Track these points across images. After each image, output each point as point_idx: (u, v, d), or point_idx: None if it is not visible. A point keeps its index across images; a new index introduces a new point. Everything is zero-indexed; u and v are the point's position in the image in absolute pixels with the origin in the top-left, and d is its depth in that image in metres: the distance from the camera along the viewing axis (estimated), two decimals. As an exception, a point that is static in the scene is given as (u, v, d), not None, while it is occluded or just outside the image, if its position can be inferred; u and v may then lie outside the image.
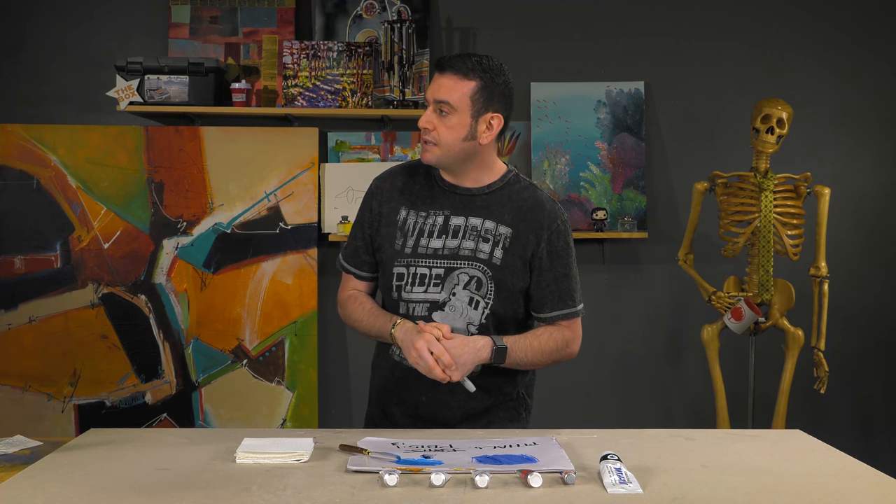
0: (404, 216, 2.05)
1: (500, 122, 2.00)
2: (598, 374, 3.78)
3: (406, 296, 2.02)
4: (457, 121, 1.95)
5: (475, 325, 2.00)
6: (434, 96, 1.96)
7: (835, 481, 1.59)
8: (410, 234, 2.03)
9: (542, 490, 1.50)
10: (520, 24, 3.77)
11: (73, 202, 3.62)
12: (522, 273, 2.01)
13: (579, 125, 3.73)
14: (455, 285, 1.99)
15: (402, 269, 2.02)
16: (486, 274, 1.99)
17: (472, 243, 2.00)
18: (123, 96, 3.52)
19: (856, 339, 3.78)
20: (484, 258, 1.99)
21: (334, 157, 3.73)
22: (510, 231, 2.00)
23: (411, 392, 2.04)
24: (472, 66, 1.95)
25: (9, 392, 3.58)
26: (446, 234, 2.01)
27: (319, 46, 3.62)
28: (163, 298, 3.62)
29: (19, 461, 1.74)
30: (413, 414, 2.06)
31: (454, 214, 2.02)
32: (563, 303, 2.04)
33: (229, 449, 1.73)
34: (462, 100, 1.95)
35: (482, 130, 1.98)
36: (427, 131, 1.98)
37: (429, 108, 1.98)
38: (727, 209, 3.36)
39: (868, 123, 3.79)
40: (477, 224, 2.01)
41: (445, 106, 1.95)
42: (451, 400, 2.02)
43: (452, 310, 1.99)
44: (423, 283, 2.01)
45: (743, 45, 3.77)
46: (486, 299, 2.00)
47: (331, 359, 3.74)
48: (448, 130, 1.96)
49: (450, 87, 1.95)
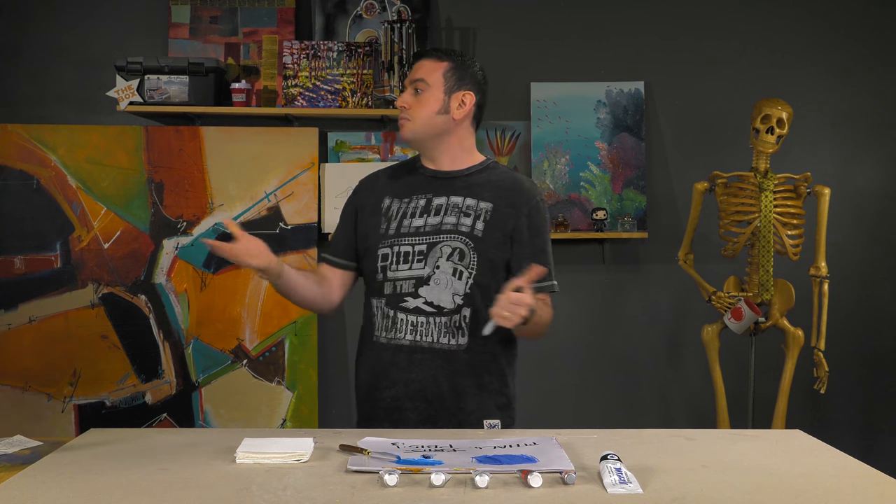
0: (388, 204, 2.16)
1: (472, 99, 2.13)
2: (599, 374, 3.78)
3: (391, 274, 2.10)
4: (430, 96, 2.11)
5: (460, 296, 2.07)
6: (411, 77, 2.14)
7: (835, 481, 1.59)
8: (394, 218, 2.13)
9: (542, 490, 1.50)
10: (520, 24, 3.77)
11: (73, 202, 3.62)
12: (503, 245, 2.10)
13: (579, 125, 3.73)
14: (438, 258, 2.07)
15: (386, 249, 2.12)
16: (468, 245, 2.07)
17: (454, 218, 2.10)
18: (123, 96, 3.52)
19: (856, 339, 3.78)
20: (465, 231, 2.08)
21: (334, 157, 3.73)
22: (490, 205, 2.11)
23: (401, 370, 2.10)
24: (446, 52, 2.17)
25: (9, 392, 3.58)
26: (428, 213, 2.11)
27: (319, 46, 3.62)
28: (163, 298, 3.62)
29: (19, 461, 1.74)
30: (403, 394, 2.09)
31: (436, 196, 2.13)
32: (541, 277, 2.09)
33: (229, 449, 1.73)
34: (436, 77, 2.11)
35: (455, 107, 2.12)
36: (403, 109, 2.13)
37: (407, 90, 2.15)
38: (727, 209, 3.36)
39: (868, 123, 3.79)
40: (458, 201, 2.12)
41: (420, 84, 2.11)
42: (440, 376, 2.08)
43: (437, 283, 2.07)
44: (406, 261, 2.09)
45: (743, 45, 3.77)
46: (469, 269, 2.07)
47: (331, 359, 3.74)
48: (422, 106, 2.11)
49: (425, 68, 2.13)
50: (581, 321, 3.77)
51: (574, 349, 3.75)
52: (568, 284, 2.71)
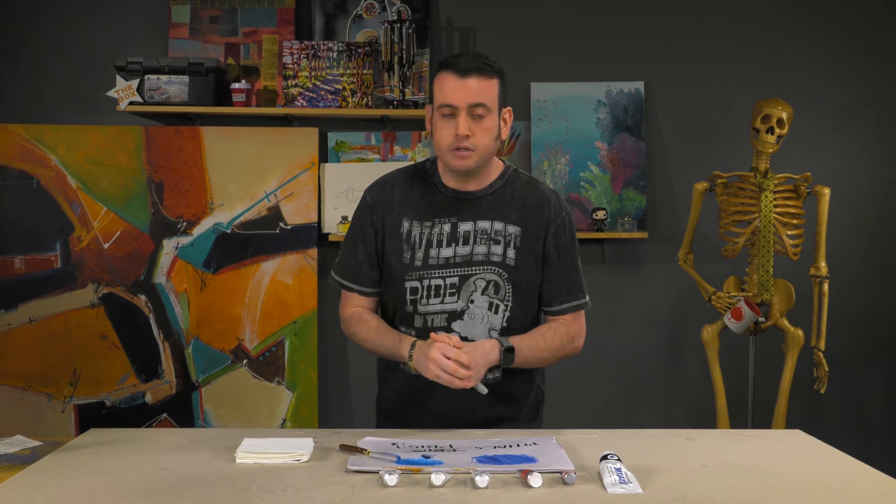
0: (408, 228, 2.02)
1: (511, 115, 2.02)
2: (598, 374, 3.78)
3: (423, 308, 2.00)
4: (491, 123, 1.94)
5: (496, 330, 1.99)
6: (468, 101, 1.90)
7: (835, 481, 1.59)
8: (418, 247, 2.00)
9: (542, 490, 1.50)
10: (520, 24, 3.77)
11: (73, 202, 3.62)
12: (536, 270, 2.02)
13: (579, 125, 3.73)
14: (472, 292, 1.98)
15: (415, 282, 2.00)
16: (501, 276, 1.99)
17: (484, 247, 1.99)
18: (123, 96, 3.52)
19: (856, 339, 3.78)
20: (497, 261, 1.99)
21: (334, 157, 3.73)
22: (519, 230, 2.00)
23: (436, 402, 2.00)
24: (490, 64, 1.94)
25: (9, 392, 3.58)
26: (456, 241, 1.99)
27: (319, 46, 3.62)
28: (163, 298, 3.63)
29: (19, 461, 1.74)
30: (437, 423, 2.00)
31: (461, 220, 2.00)
32: (572, 295, 2.05)
33: (229, 449, 1.73)
34: (492, 98, 1.93)
35: (502, 126, 1.99)
36: (465, 139, 1.91)
37: (461, 113, 1.90)
38: (727, 209, 3.36)
39: (868, 123, 3.79)
40: (486, 227, 2.00)
41: (482, 109, 1.91)
42: (475, 406, 1.99)
43: (472, 317, 1.99)
44: (438, 295, 1.99)
45: (743, 45, 3.77)
46: (505, 302, 2.00)
47: (331, 359, 3.74)
48: (484, 134, 1.93)
49: (481, 89, 1.91)
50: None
51: (574, 349, 3.74)
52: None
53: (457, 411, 2.00)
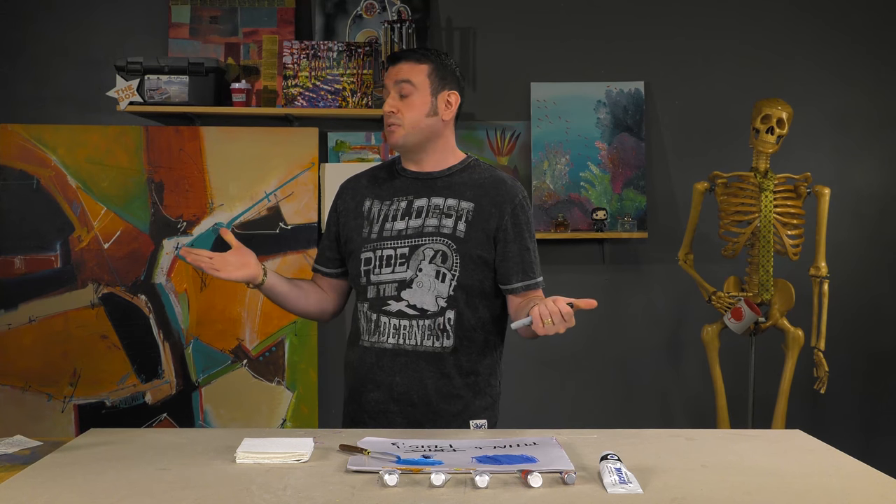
0: (369, 206, 2.15)
1: (458, 99, 2.12)
2: (598, 374, 3.78)
3: (375, 278, 2.10)
4: (418, 99, 2.07)
5: (443, 298, 2.07)
6: (395, 78, 2.08)
7: (835, 481, 1.59)
8: (376, 221, 2.12)
9: (542, 490, 1.50)
10: (520, 24, 3.77)
11: (73, 202, 3.62)
12: (486, 245, 2.08)
13: (579, 125, 3.73)
14: (420, 261, 2.06)
15: (369, 253, 2.11)
16: (450, 247, 2.07)
17: (436, 220, 2.09)
18: (123, 96, 3.52)
19: (856, 339, 3.78)
20: (448, 233, 2.07)
21: (334, 157, 3.73)
22: (472, 205, 2.09)
23: (385, 373, 2.09)
24: (423, 52, 2.12)
25: (9, 392, 3.58)
26: (409, 215, 2.10)
27: (319, 46, 3.62)
28: (163, 298, 3.62)
29: (19, 461, 1.74)
30: (388, 397, 2.09)
31: (417, 198, 2.11)
32: (526, 274, 2.12)
33: (229, 449, 1.73)
34: (421, 79, 2.07)
35: (443, 108, 2.10)
36: (391, 115, 2.08)
37: (390, 94, 2.09)
38: (727, 209, 3.36)
39: (868, 123, 3.79)
40: (439, 202, 2.10)
41: (407, 85, 2.07)
42: (425, 379, 2.07)
43: (419, 286, 2.06)
44: (389, 264, 2.08)
45: (743, 45, 3.77)
46: (452, 271, 2.06)
47: (331, 359, 3.73)
48: (411, 110, 2.07)
49: (409, 70, 2.08)
50: (581, 321, 3.73)
51: (574, 349, 3.74)
52: (568, 284, 2.71)
53: (404, 383, 2.08)
